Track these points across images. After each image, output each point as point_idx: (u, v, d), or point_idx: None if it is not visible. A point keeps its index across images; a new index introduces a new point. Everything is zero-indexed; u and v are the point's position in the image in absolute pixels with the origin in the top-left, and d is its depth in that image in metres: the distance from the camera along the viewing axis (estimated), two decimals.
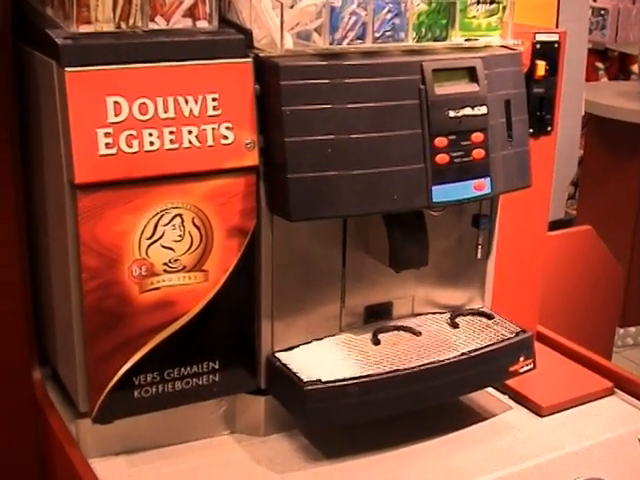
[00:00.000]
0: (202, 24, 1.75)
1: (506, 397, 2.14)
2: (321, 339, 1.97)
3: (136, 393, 1.79)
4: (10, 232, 1.97)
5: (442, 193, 1.81)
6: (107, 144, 1.63)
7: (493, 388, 2.13)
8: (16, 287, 2.01)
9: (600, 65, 6.10)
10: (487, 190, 1.87)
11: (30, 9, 1.85)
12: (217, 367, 1.85)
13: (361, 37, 1.78)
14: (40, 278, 2.02)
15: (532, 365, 2.02)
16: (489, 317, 2.11)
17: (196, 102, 1.70)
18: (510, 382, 2.09)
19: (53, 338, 1.97)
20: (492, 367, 1.99)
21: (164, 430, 1.90)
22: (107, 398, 1.77)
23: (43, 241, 1.93)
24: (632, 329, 4.75)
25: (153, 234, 1.72)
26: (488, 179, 1.86)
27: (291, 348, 1.92)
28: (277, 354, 1.90)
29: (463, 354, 1.94)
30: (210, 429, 1.95)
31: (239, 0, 1.79)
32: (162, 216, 1.72)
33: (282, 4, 1.70)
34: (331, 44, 1.76)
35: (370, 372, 1.86)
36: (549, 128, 2.29)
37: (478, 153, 1.84)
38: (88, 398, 1.78)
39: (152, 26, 1.70)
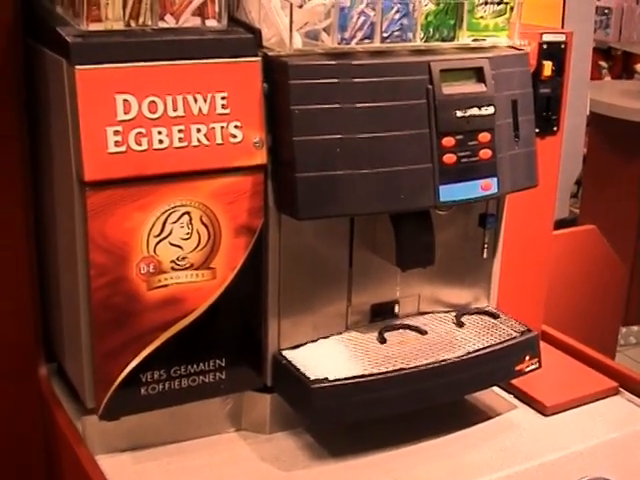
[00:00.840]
0: (211, 23, 1.75)
1: (511, 396, 2.14)
2: (327, 337, 1.97)
3: (143, 390, 1.79)
4: (18, 229, 1.98)
5: (449, 193, 1.82)
6: (116, 142, 1.64)
7: (498, 387, 2.14)
8: (23, 283, 2.02)
9: (604, 64, 6.11)
10: (494, 190, 1.87)
11: (40, 7, 1.86)
12: (224, 365, 1.85)
13: (369, 37, 1.79)
14: (47, 274, 2.02)
15: (537, 364, 2.03)
16: (495, 316, 2.11)
17: (205, 101, 1.70)
18: (515, 381, 2.10)
19: (60, 334, 1.98)
20: (498, 366, 1.99)
21: (170, 427, 1.91)
22: (114, 395, 1.77)
23: (51, 237, 1.94)
24: (635, 328, 4.76)
25: (161, 232, 1.73)
26: (495, 179, 1.87)
27: (297, 346, 1.93)
28: (283, 352, 1.91)
29: (469, 353, 1.95)
30: (216, 426, 1.96)
31: None
32: (170, 214, 1.72)
33: (291, 4, 1.71)
34: (339, 44, 1.76)
35: (376, 371, 1.87)
36: (555, 128, 2.29)
37: (485, 153, 1.85)
38: (95, 395, 1.78)
39: (162, 25, 1.71)
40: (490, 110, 1.85)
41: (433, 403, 1.94)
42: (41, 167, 1.95)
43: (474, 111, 1.83)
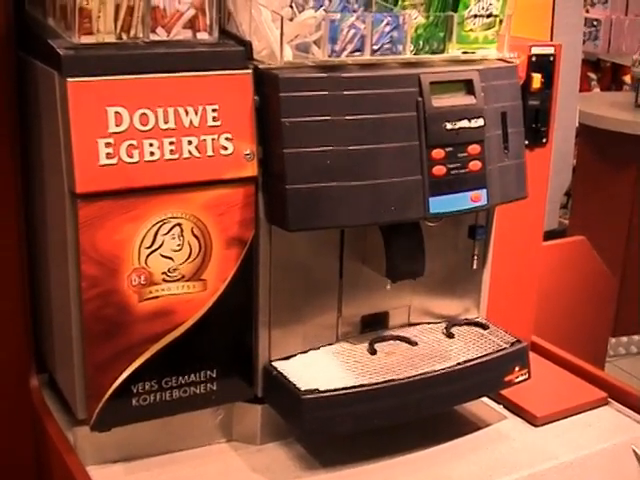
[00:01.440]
0: (202, 36, 1.76)
1: (501, 407, 2.15)
2: (318, 348, 1.98)
3: (134, 401, 1.79)
4: (9, 239, 1.98)
5: (439, 204, 1.83)
6: (108, 154, 1.64)
7: (488, 398, 2.15)
8: (14, 294, 2.02)
9: (593, 75, 6.13)
10: (483, 201, 1.88)
11: (32, 19, 1.87)
12: (215, 376, 1.86)
13: (360, 49, 1.79)
14: (39, 285, 2.02)
15: (527, 375, 2.04)
16: (484, 327, 2.12)
17: (196, 113, 1.71)
18: (505, 392, 2.10)
19: (51, 345, 1.98)
20: (487, 377, 2.00)
21: (161, 438, 1.91)
22: (105, 406, 1.77)
23: (42, 249, 1.94)
24: (624, 339, 4.76)
25: (152, 243, 1.73)
26: (484, 191, 1.88)
27: (288, 357, 1.93)
28: (274, 363, 1.91)
29: (458, 364, 1.95)
30: (207, 437, 1.96)
31: (239, 12, 1.80)
32: (161, 226, 1.73)
33: (282, 16, 1.71)
34: (330, 56, 1.77)
35: (366, 382, 1.87)
36: (544, 140, 2.31)
37: (475, 165, 1.86)
38: (86, 406, 1.78)
39: (153, 37, 1.71)
40: (480, 122, 1.86)
41: (423, 414, 1.94)
42: (32, 179, 1.95)
43: (464, 123, 1.84)
